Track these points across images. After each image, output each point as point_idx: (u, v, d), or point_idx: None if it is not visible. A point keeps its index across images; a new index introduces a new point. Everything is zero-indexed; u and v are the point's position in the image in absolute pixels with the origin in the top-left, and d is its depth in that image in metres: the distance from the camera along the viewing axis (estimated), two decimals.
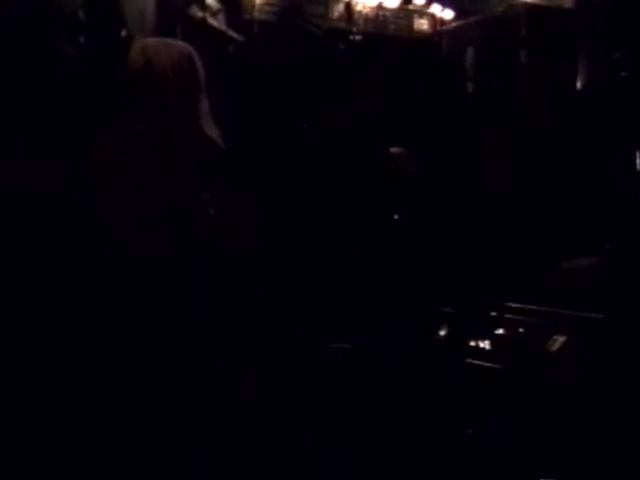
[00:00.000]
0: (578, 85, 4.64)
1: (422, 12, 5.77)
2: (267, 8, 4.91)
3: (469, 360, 3.44)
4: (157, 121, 2.39)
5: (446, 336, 3.53)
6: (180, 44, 2.58)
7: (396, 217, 3.89)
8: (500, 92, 5.02)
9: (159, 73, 2.37)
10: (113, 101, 2.66)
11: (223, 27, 4.38)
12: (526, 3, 5.19)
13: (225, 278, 2.32)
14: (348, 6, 5.39)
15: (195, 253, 2.30)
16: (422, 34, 5.76)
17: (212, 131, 2.50)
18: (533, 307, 3.48)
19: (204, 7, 4.13)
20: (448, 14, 5.78)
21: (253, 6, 4.87)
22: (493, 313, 3.56)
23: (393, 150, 4.46)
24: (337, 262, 3.70)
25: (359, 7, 5.47)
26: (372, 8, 5.54)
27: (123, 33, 3.32)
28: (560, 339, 3.14)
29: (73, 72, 3.02)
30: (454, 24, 5.71)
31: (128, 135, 2.39)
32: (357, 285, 3.61)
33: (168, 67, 2.38)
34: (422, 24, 5.78)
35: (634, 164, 3.63)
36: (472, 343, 3.50)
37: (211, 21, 4.22)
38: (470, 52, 5.37)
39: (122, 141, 2.38)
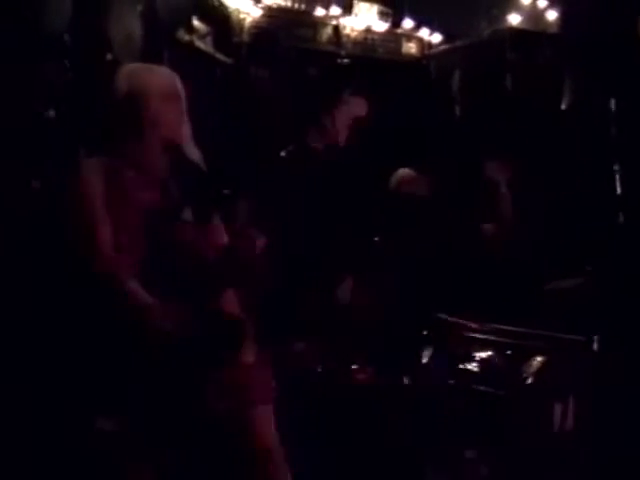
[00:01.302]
0: (562, 108, 4.69)
1: (410, 36, 5.85)
2: (256, 31, 4.96)
3: (453, 381, 3.44)
4: (140, 144, 2.43)
5: (429, 357, 3.53)
6: (164, 69, 2.63)
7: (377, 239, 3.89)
8: (486, 114, 5.07)
9: (142, 98, 2.42)
10: (98, 124, 2.70)
11: (210, 50, 4.42)
12: (511, 28, 5.27)
13: (204, 294, 2.35)
14: (336, 29, 5.46)
15: (174, 270, 2.32)
16: (410, 57, 5.83)
17: (194, 154, 2.54)
18: (517, 329, 3.49)
19: (192, 30, 4.18)
20: (436, 38, 5.86)
21: (242, 29, 4.93)
22: (476, 334, 3.57)
23: (402, 172, 4.38)
24: (322, 284, 3.71)
25: (347, 30, 5.54)
26: (360, 32, 5.61)
27: (109, 56, 3.36)
28: (541, 360, 3.15)
29: (59, 95, 3.05)
30: (442, 48, 5.78)
31: (112, 158, 2.43)
32: (343, 306, 3.62)
33: (152, 92, 2.43)
34: (410, 47, 5.86)
35: (615, 187, 3.67)
36: (455, 364, 3.50)
37: (199, 44, 4.26)
38: (457, 75, 5.43)
39: (106, 163, 2.42)
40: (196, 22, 4.30)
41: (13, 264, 2.68)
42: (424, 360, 3.51)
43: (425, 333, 3.44)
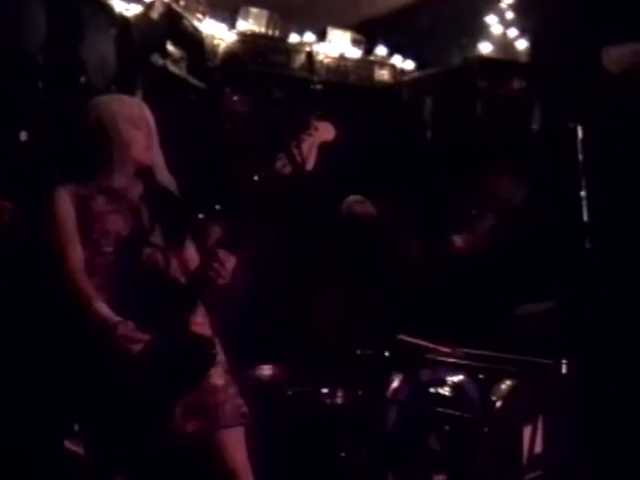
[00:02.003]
0: (530, 134, 4.78)
1: (383, 63, 5.91)
2: (228, 56, 5.00)
3: (426, 405, 3.46)
4: (110, 170, 2.45)
5: (401, 381, 3.54)
6: (130, 98, 2.68)
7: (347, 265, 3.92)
8: (456, 140, 5.15)
9: (111, 125, 2.45)
10: (70, 150, 2.72)
11: (184, 74, 4.44)
12: (481, 56, 5.36)
13: (174, 316, 2.35)
14: (310, 56, 5.51)
15: (142, 292, 2.33)
16: (383, 84, 5.89)
17: (166, 179, 2.56)
18: (487, 353, 3.53)
19: (165, 55, 4.20)
20: (409, 65, 5.94)
21: (215, 54, 4.97)
22: (447, 358, 3.60)
23: (352, 198, 4.45)
24: (293, 310, 3.73)
25: (321, 57, 5.59)
26: (334, 59, 5.66)
27: (82, 79, 3.37)
28: (510, 384, 3.18)
29: (31, 116, 3.05)
30: (414, 75, 5.86)
31: (84, 183, 2.45)
32: (313, 333, 3.64)
33: (120, 120, 2.46)
34: (383, 74, 5.91)
35: (581, 212, 3.74)
36: (427, 389, 3.52)
37: (172, 68, 4.28)
38: (428, 102, 5.50)
39: (77, 189, 2.44)
40: (170, 47, 4.32)
41: None
42: (394, 384, 3.53)
43: (395, 356, 3.45)
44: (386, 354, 3.40)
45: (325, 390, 3.36)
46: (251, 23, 5.25)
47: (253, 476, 2.45)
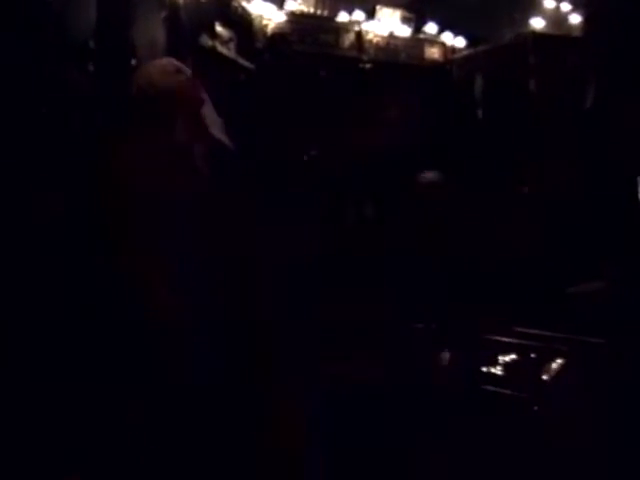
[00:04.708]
0: (585, 111, 4.68)
1: (433, 41, 5.86)
2: (275, 36, 5.01)
3: (475, 384, 3.45)
4: (164, 132, 2.49)
5: (450, 359, 3.54)
6: (162, 59, 2.73)
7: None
8: (509, 119, 5.08)
9: (150, 89, 2.50)
10: (124, 124, 2.76)
11: (233, 55, 4.47)
12: (534, 32, 5.26)
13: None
14: (359, 35, 5.49)
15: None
16: (433, 62, 5.83)
17: (220, 133, 2.60)
18: (539, 332, 3.50)
19: (214, 36, 4.22)
20: (459, 42, 5.86)
21: (264, 35, 4.99)
22: (501, 338, 3.58)
23: (425, 176, 4.36)
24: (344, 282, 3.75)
25: (370, 36, 5.56)
26: (383, 37, 5.63)
27: (133, 62, 3.40)
28: (562, 363, 3.15)
29: (83, 100, 3.10)
30: (464, 52, 5.79)
31: (145, 147, 2.49)
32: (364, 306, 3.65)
33: (155, 81, 2.51)
34: (433, 52, 5.86)
35: (637, 190, 3.66)
36: (477, 367, 3.51)
37: (221, 49, 4.31)
38: (479, 80, 5.43)
39: (141, 151, 2.48)
40: (219, 28, 4.34)
41: (37, 252, 2.72)
42: (444, 362, 3.52)
43: (446, 335, 3.45)
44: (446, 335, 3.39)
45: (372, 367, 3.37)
46: (300, 3, 5.25)
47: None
